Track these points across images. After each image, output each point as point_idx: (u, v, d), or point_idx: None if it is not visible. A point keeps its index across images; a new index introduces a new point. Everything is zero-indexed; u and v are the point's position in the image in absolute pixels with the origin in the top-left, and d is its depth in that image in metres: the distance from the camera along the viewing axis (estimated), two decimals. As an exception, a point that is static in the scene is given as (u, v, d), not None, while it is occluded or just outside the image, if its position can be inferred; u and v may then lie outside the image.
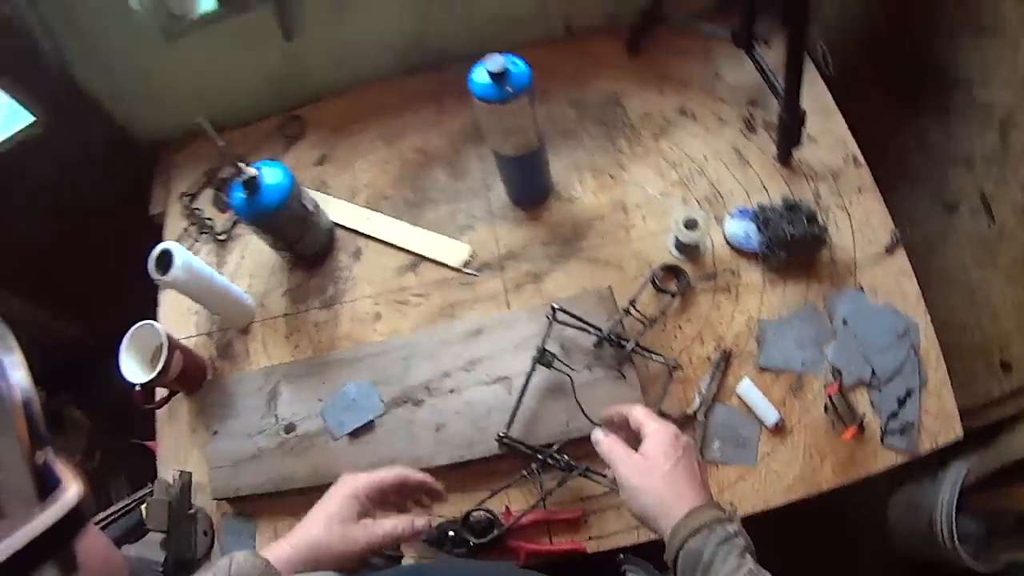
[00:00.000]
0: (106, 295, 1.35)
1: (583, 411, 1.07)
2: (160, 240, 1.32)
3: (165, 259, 1.15)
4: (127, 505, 1.32)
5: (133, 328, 1.18)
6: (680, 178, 1.30)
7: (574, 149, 1.35)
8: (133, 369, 1.17)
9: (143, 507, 1.18)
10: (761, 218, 1.18)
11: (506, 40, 1.33)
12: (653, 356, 1.11)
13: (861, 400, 1.09)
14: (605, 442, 0.87)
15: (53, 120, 1.45)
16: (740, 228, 1.22)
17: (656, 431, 0.83)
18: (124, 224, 1.54)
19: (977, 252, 1.42)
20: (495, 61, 1.01)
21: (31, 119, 1.44)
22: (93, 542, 0.48)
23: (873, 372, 1.10)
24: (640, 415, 0.87)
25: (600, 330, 1.11)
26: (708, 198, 1.28)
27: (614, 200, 1.29)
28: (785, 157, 1.30)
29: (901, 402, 1.09)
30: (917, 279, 1.17)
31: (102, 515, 1.25)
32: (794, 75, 1.14)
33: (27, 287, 1.88)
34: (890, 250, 1.20)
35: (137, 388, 1.19)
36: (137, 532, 1.20)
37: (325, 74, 1.53)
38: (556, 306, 1.11)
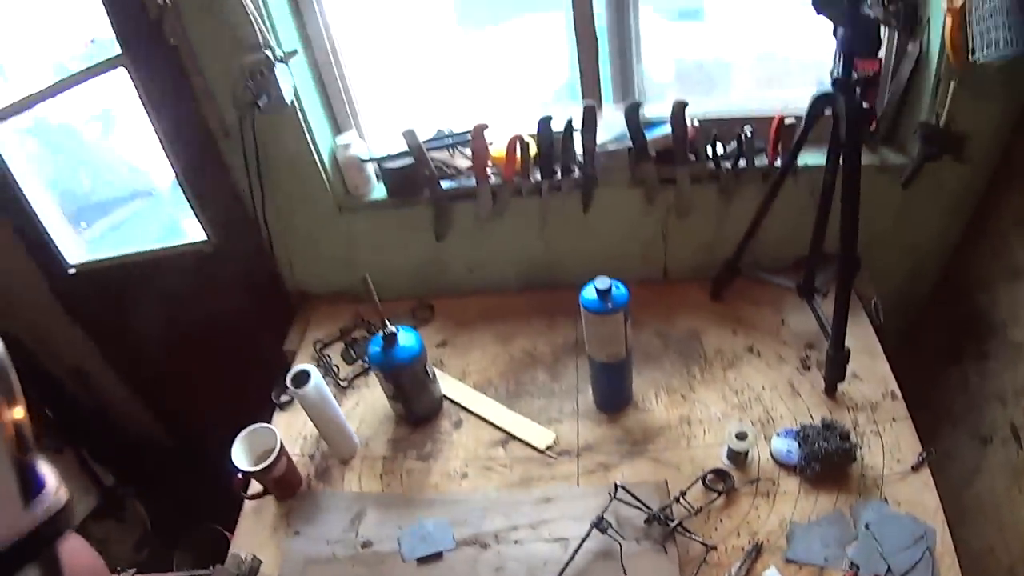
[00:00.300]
0: (207, 407, 1.65)
1: None
2: (285, 371, 1.62)
3: (302, 378, 1.50)
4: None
5: (253, 426, 1.51)
6: (740, 403, 1.66)
7: (654, 370, 1.76)
8: (242, 458, 1.48)
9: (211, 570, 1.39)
10: (802, 435, 1.51)
11: (612, 276, 1.71)
12: (693, 537, 1.41)
13: None
14: None
15: (224, 245, 1.86)
16: (784, 445, 1.53)
17: None
18: (250, 350, 1.89)
19: (1006, 479, 1.63)
20: (603, 281, 1.44)
21: (205, 238, 1.83)
22: (78, 548, 0.49)
23: (888, 568, 1.32)
24: None
25: (652, 510, 1.43)
26: (761, 420, 1.62)
27: (682, 415, 1.65)
28: (831, 390, 1.63)
29: None
30: (948, 510, 1.38)
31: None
32: (840, 321, 1.51)
33: (139, 380, 2.09)
34: (916, 468, 1.46)
35: (239, 475, 1.48)
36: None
37: (460, 275, 2.02)
38: (618, 483, 1.44)
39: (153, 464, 2.14)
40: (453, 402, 1.74)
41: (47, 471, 0.42)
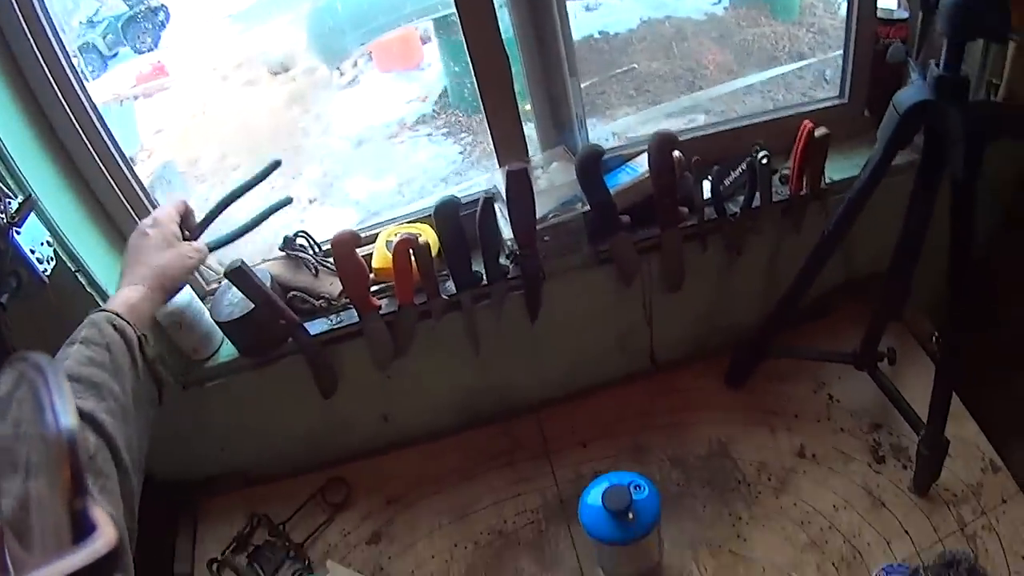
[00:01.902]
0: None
1: None
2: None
3: None
4: None
5: None
6: (811, 540, 1.23)
7: (684, 520, 1.28)
8: None
9: None
10: None
11: (585, 384, 1.37)
12: None
13: None
14: None
15: None
16: None
17: None
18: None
19: None
20: (618, 497, 0.95)
21: None
22: None
23: None
24: None
25: None
26: (845, 558, 1.20)
27: None
28: (924, 489, 1.23)
29: None
30: None
31: None
32: (942, 404, 1.11)
33: None
34: None
35: None
36: None
37: (373, 428, 1.48)
38: None
39: None
40: None
41: (100, 514, 0.41)
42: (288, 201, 1.14)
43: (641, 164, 1.24)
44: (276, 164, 1.13)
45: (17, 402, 0.48)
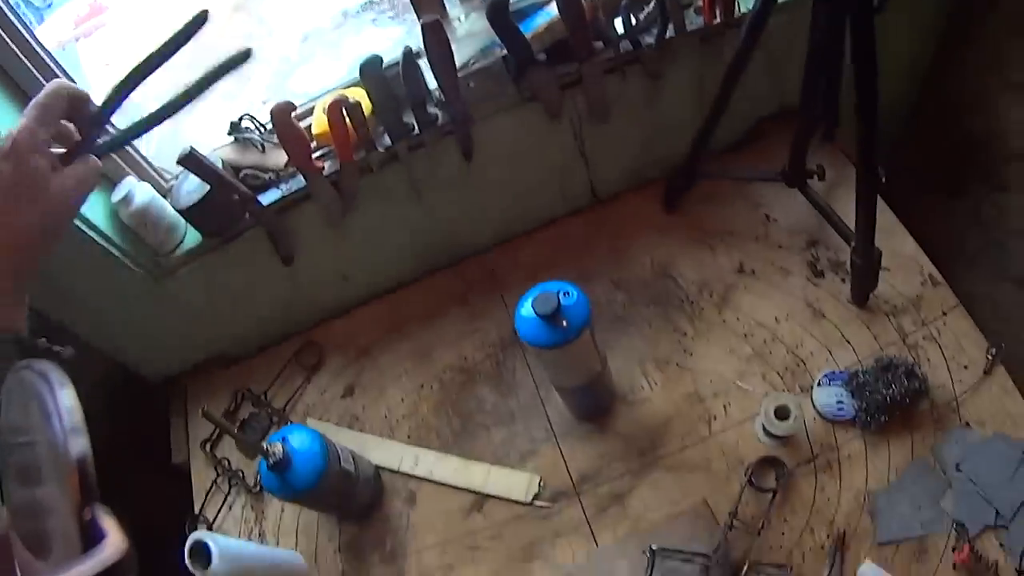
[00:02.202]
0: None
1: None
2: (189, 489, 1.36)
3: (201, 555, 1.08)
4: None
5: None
6: (754, 351, 1.30)
7: (630, 339, 1.37)
8: None
9: None
10: (854, 383, 1.20)
11: (529, 222, 1.41)
12: (767, 571, 1.09)
13: (990, 546, 1.09)
14: None
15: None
16: (831, 397, 1.21)
17: None
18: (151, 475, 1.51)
19: None
20: (545, 301, 0.98)
21: None
22: None
23: (997, 512, 1.09)
24: None
25: (706, 556, 1.10)
26: (789, 367, 1.27)
27: (687, 393, 1.29)
28: (862, 300, 1.28)
29: None
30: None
31: None
32: (867, 217, 1.14)
33: None
34: (989, 371, 1.18)
35: None
36: None
37: (336, 290, 1.53)
38: (654, 547, 1.09)
39: None
40: (394, 472, 1.33)
41: (109, 523, 0.42)
42: (247, 54, 1.00)
43: (554, 8, 1.23)
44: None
45: (22, 408, 0.47)
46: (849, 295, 1.29)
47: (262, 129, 1.33)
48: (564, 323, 0.98)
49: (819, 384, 1.22)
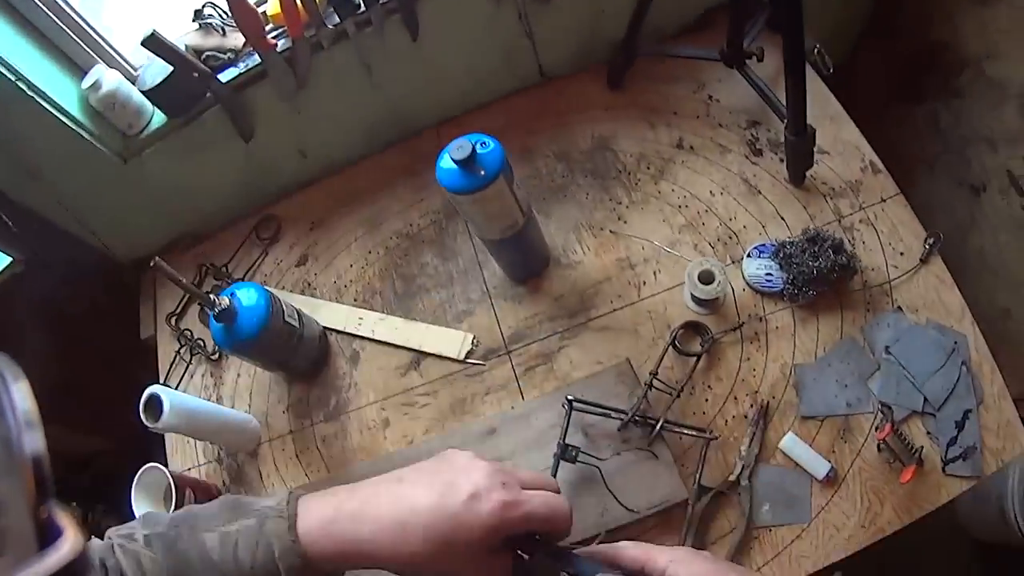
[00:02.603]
0: (122, 408, 1.34)
1: (617, 500, 1.06)
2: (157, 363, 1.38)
3: (154, 406, 1.14)
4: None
5: (140, 472, 1.20)
6: (688, 221, 1.29)
7: (567, 207, 1.36)
8: (147, 508, 1.18)
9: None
10: (781, 255, 1.18)
11: (477, 98, 1.40)
12: (684, 432, 1.10)
13: (916, 431, 1.08)
14: None
15: (33, 257, 1.48)
16: (760, 268, 1.20)
17: (676, 560, 0.65)
18: (124, 350, 1.56)
19: (1012, 232, 1.41)
20: (460, 148, 0.99)
21: (8, 260, 1.47)
22: None
23: (925, 399, 1.08)
24: (637, 555, 0.67)
25: (624, 412, 1.10)
26: (721, 239, 1.27)
27: (619, 258, 1.29)
28: (799, 179, 1.27)
29: (959, 425, 1.06)
30: (951, 269, 1.15)
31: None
32: (797, 92, 1.11)
33: (40, 410, 1.88)
34: (925, 259, 1.17)
35: None
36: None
37: (293, 165, 1.55)
38: (571, 398, 1.09)
39: (109, 470, 1.98)
40: (340, 332, 1.36)
41: (64, 519, 0.41)
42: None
43: None
44: None
45: None
46: (786, 175, 1.26)
47: (223, 15, 1.34)
48: (480, 171, 0.97)
49: (748, 255, 1.20)
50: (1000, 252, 1.46)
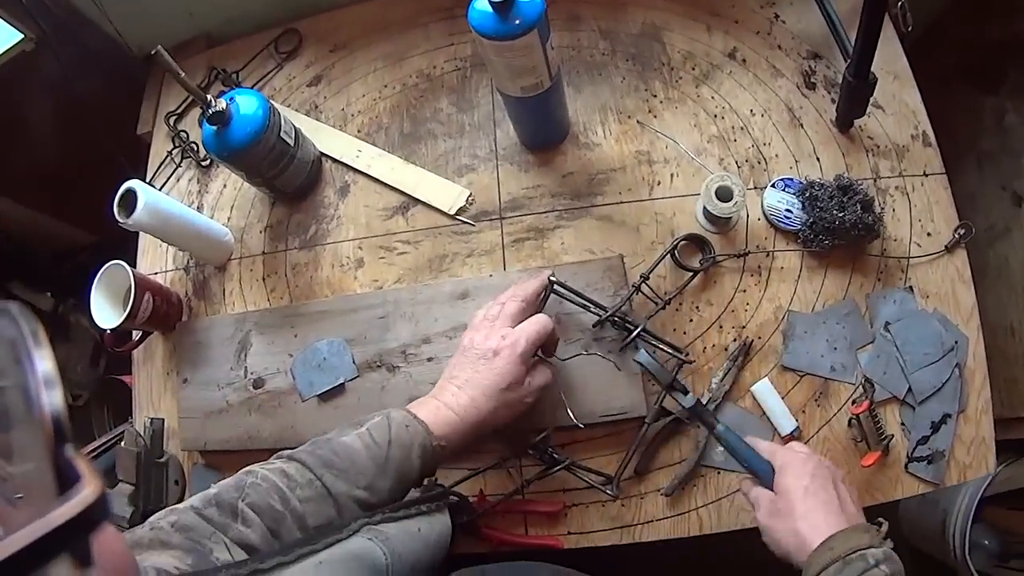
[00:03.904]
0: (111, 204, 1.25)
1: (567, 411, 0.97)
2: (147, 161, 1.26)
3: (128, 201, 1.05)
4: (106, 442, 1.37)
5: (102, 269, 1.12)
6: (720, 133, 1.12)
7: (600, 86, 1.17)
8: (103, 312, 1.12)
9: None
10: (808, 194, 1.03)
11: None
12: (661, 347, 0.97)
13: (891, 419, 0.97)
14: (751, 492, 0.86)
15: (45, 36, 1.40)
16: (782, 202, 1.05)
17: (784, 464, 0.81)
18: (122, 147, 1.52)
19: None
20: None
21: (20, 36, 1.39)
22: (109, 539, 0.49)
23: (910, 389, 0.97)
24: (766, 448, 0.85)
25: (604, 308, 0.97)
26: (749, 160, 1.10)
27: (639, 151, 1.12)
28: (845, 125, 1.11)
29: (935, 427, 0.96)
30: (972, 272, 1.02)
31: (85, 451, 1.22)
32: (869, 33, 0.95)
33: (32, 197, 1.88)
34: (951, 248, 1.03)
35: (108, 332, 1.13)
36: (112, 477, 1.16)
37: None
38: (554, 278, 0.96)
39: (87, 265, 1.98)
40: (336, 161, 1.21)
41: (83, 463, 0.39)
42: None
43: None
44: None
45: None
46: (834, 116, 1.11)
47: None
48: (516, 20, 0.84)
49: (773, 186, 1.05)
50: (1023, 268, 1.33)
